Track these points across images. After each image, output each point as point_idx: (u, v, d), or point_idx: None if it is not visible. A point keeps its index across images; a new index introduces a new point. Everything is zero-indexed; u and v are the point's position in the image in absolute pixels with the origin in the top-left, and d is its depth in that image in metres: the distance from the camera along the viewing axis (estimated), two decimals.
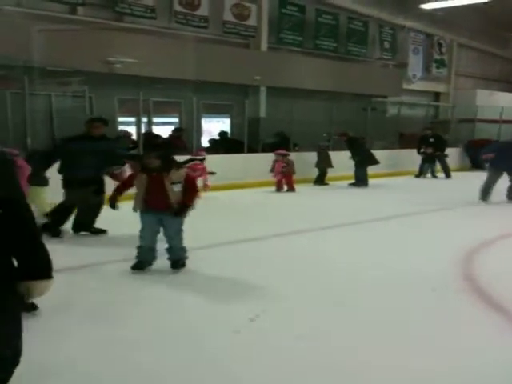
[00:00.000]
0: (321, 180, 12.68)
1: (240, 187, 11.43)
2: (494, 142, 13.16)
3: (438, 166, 14.93)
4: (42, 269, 2.24)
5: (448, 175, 14.83)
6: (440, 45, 20.47)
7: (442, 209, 9.30)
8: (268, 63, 14.04)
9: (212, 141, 13.30)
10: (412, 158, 14.87)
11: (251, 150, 12.58)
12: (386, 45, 18.21)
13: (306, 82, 14.52)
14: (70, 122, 10.72)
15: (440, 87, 21.01)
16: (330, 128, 14.12)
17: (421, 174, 14.88)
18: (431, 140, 14.68)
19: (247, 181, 11.74)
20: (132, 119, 11.90)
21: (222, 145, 12.81)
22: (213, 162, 10.74)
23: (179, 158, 10.41)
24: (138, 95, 10.88)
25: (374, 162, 12.52)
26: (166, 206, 4.93)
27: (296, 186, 11.59)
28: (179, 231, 5.11)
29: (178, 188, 4.94)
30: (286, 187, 11.62)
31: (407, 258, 5.87)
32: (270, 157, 11.69)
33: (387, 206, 9.51)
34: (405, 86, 18.31)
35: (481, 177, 10.25)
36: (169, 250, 5.19)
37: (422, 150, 14.68)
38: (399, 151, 15.39)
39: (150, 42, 11.92)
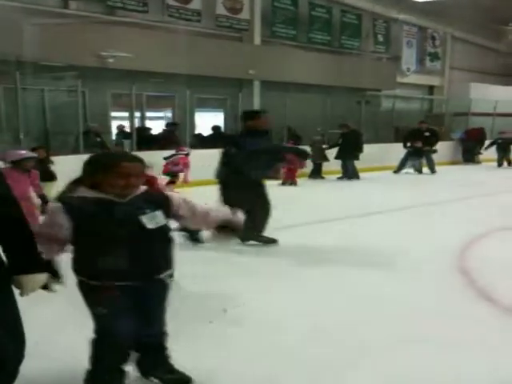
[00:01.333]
0: (317, 173, 12.69)
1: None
2: None
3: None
4: (34, 263, 2.22)
5: (433, 170, 14.03)
6: (434, 38, 20.48)
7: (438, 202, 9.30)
8: (261, 57, 14.05)
9: (198, 136, 13.16)
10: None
11: None
12: (380, 38, 18.22)
13: (300, 76, 14.51)
14: (63, 116, 10.75)
15: (434, 80, 21.04)
16: (324, 121, 14.12)
17: (400, 168, 13.93)
18: (426, 134, 13.96)
19: None
20: (125, 114, 11.87)
21: (216, 140, 12.69)
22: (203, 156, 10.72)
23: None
24: (131, 89, 10.87)
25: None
26: None
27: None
28: None
29: None
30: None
31: (412, 246, 5.86)
32: None
33: (378, 200, 9.46)
34: (399, 80, 18.31)
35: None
36: None
37: (409, 144, 13.81)
38: (393, 145, 15.37)
39: (143, 35, 11.88)
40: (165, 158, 9.83)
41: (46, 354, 3.10)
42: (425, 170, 14.01)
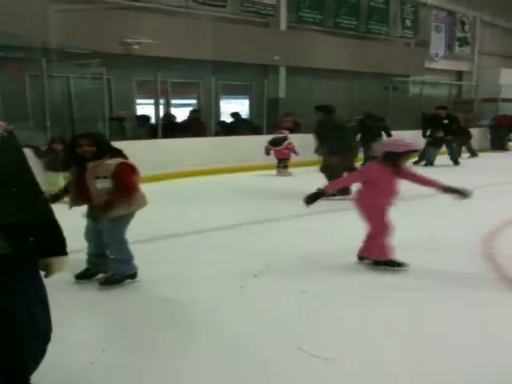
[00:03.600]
0: None
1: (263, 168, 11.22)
2: None
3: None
4: (60, 245, 2.32)
5: (456, 162, 12.89)
6: (463, 22, 19.99)
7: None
8: (287, 42, 13.79)
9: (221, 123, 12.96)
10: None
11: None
12: (408, 23, 17.82)
13: (326, 62, 14.25)
14: (88, 104, 10.70)
15: (463, 66, 20.55)
16: (350, 108, 13.87)
17: (421, 159, 12.55)
18: (445, 122, 12.70)
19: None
20: (150, 101, 11.78)
21: (236, 126, 12.51)
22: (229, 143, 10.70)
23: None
24: (155, 76, 10.77)
25: None
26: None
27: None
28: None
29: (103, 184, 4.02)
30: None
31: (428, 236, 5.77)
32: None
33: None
34: (427, 65, 17.95)
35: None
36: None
37: (429, 133, 12.76)
38: (420, 132, 15.05)
39: (168, 21, 11.75)
40: (272, 143, 10.98)
41: None
42: (442, 160, 12.78)
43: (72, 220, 3.48)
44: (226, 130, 12.32)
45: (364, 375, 2.91)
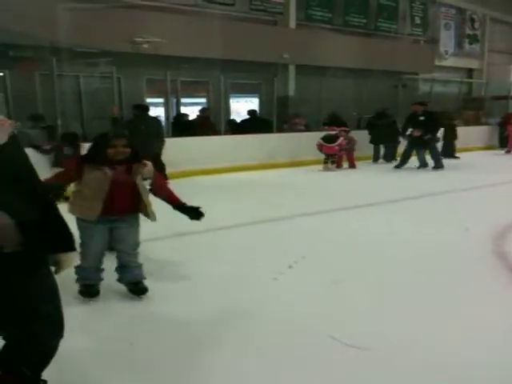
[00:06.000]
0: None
1: (271, 167, 11.30)
2: None
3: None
4: (69, 241, 2.34)
5: (438, 165, 11.43)
6: (472, 20, 19.88)
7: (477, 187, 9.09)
8: (296, 41, 13.74)
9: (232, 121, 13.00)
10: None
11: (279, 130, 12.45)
12: (417, 20, 17.76)
13: (336, 60, 14.18)
14: (98, 103, 10.72)
15: (473, 63, 20.44)
16: (360, 106, 13.83)
17: (403, 162, 11.63)
18: (421, 118, 11.41)
19: (278, 161, 11.63)
20: (160, 100, 11.79)
21: (251, 124, 12.52)
22: (242, 142, 10.69)
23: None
24: (165, 75, 10.77)
25: None
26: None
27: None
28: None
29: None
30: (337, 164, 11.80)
31: (441, 233, 5.76)
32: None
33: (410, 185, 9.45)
34: (437, 63, 17.87)
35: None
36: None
37: (409, 133, 11.62)
38: None
39: (177, 20, 11.74)
40: (325, 140, 11.21)
41: None
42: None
43: None
44: (236, 128, 12.32)
45: (394, 363, 2.97)
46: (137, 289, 3.96)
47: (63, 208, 2.66)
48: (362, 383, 2.82)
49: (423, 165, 11.43)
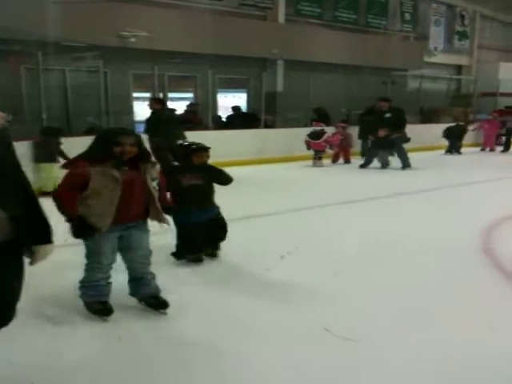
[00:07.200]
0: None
1: (262, 162, 11.31)
2: None
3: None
4: (47, 234, 2.40)
5: (406, 164, 10.89)
6: (462, 16, 19.91)
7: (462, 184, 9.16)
8: (286, 36, 13.69)
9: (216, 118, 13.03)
10: (432, 132, 14.59)
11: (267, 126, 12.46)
12: (407, 16, 17.76)
13: (325, 55, 14.17)
14: (84, 97, 10.67)
15: (462, 60, 20.48)
16: (349, 102, 13.84)
17: (367, 163, 11.20)
18: (387, 115, 10.79)
19: (268, 156, 11.62)
20: (147, 95, 11.73)
21: (236, 120, 12.53)
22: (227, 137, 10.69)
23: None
24: (152, 70, 10.72)
25: None
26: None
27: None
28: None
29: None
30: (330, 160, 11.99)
31: (429, 231, 5.83)
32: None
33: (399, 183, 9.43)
34: (426, 59, 17.84)
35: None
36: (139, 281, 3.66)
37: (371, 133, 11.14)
38: (417, 126, 15.01)
39: (164, 15, 11.67)
40: (311, 136, 11.28)
41: None
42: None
43: None
44: (221, 124, 12.33)
45: (388, 356, 3.04)
46: (159, 303, 3.61)
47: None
48: (355, 375, 2.86)
49: (384, 165, 11.06)
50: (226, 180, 4.58)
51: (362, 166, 11.17)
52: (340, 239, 5.53)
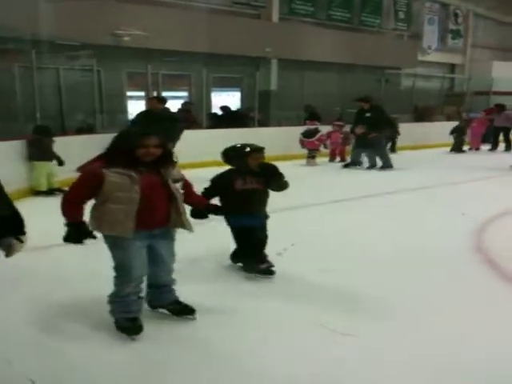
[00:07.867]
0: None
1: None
2: None
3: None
4: (20, 225, 2.54)
5: (386, 165, 10.75)
6: (456, 15, 19.98)
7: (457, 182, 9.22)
8: (279, 34, 13.71)
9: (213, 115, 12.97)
10: (425, 131, 14.65)
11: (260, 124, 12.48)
12: (401, 15, 17.81)
13: (319, 54, 14.19)
14: (78, 95, 10.65)
15: (456, 59, 20.55)
16: (342, 101, 13.86)
17: (354, 163, 11.09)
18: (367, 115, 10.69)
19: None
20: (141, 93, 11.73)
21: (226, 119, 12.46)
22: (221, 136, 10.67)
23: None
24: (146, 68, 10.72)
25: None
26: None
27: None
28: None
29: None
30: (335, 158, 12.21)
31: (420, 230, 5.90)
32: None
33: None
34: (420, 58, 17.92)
35: None
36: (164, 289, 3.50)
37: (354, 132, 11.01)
38: (412, 125, 15.07)
39: (158, 13, 11.66)
40: (305, 135, 11.40)
41: None
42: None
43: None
44: (217, 122, 12.30)
45: (382, 351, 3.09)
46: (186, 308, 3.49)
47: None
48: (350, 371, 2.89)
49: (371, 165, 10.90)
50: (281, 186, 4.30)
51: (346, 166, 11.09)
52: (335, 237, 5.59)
